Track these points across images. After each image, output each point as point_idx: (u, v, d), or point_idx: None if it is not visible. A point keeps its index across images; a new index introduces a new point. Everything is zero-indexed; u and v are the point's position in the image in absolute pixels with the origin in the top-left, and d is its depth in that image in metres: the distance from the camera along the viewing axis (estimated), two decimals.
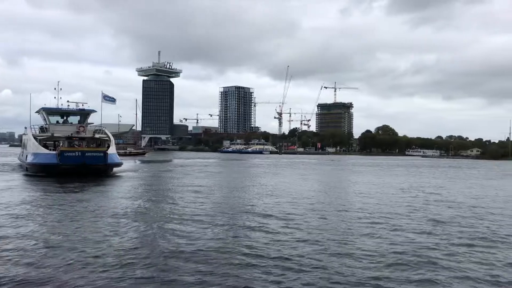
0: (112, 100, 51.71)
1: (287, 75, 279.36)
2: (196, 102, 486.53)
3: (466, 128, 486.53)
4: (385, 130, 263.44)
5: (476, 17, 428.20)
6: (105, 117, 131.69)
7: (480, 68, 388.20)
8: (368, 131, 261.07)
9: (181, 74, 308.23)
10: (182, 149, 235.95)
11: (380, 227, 15.28)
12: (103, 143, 41.00)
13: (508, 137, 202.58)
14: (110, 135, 42.34)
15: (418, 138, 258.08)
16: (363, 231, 14.57)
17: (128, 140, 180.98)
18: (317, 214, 18.17)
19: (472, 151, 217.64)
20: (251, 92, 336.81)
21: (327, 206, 20.82)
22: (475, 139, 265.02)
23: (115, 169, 39.85)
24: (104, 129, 42.99)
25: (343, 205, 21.26)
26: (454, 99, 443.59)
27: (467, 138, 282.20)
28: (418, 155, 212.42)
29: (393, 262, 10.67)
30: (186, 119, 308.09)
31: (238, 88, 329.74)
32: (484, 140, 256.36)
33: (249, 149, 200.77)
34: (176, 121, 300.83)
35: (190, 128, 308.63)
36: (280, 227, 14.99)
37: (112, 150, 39.32)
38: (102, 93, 49.85)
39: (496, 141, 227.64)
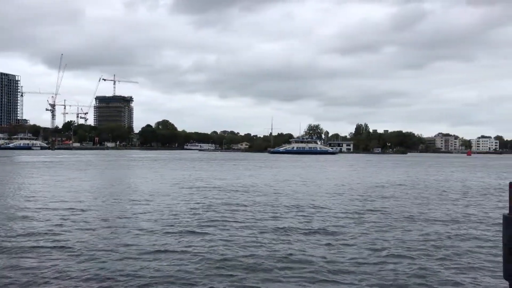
0: None
1: (61, 64, 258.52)
2: None
3: (238, 124, 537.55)
4: (165, 125, 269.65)
5: (250, 24, 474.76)
6: None
7: (252, 71, 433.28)
8: (148, 126, 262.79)
9: None
10: None
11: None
12: None
13: (270, 132, 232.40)
14: None
15: (196, 133, 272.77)
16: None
17: None
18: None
19: (242, 144, 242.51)
20: (17, 80, 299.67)
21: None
22: (245, 134, 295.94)
23: None
24: None
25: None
26: (229, 97, 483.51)
27: (238, 133, 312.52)
28: (195, 149, 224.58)
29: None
30: None
31: (1, 74, 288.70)
32: (252, 135, 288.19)
33: (11, 145, 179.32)
34: None
35: None
36: None
37: None
38: None
39: (262, 136, 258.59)
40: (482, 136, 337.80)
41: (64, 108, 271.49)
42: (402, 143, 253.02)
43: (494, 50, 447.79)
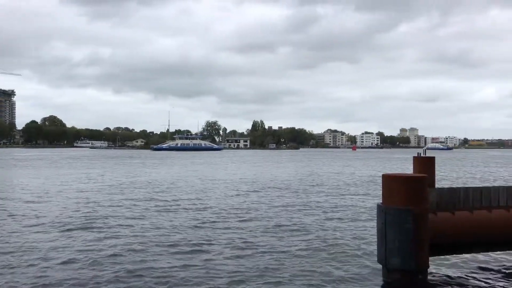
0: None
1: None
2: None
3: (134, 120, 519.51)
4: (53, 121, 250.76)
5: (148, 18, 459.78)
6: None
7: (149, 66, 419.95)
8: (33, 122, 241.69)
9: None
10: None
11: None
12: None
13: (167, 129, 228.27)
14: None
15: (87, 130, 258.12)
16: None
17: None
18: None
19: (138, 141, 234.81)
20: None
21: None
22: (140, 131, 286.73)
23: None
24: None
25: None
26: (124, 92, 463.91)
27: (133, 129, 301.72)
28: (87, 147, 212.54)
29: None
30: None
31: None
32: (148, 131, 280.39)
33: None
34: None
35: None
36: None
37: None
38: None
39: (158, 132, 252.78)
40: (366, 132, 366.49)
41: None
42: (295, 139, 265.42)
43: (377, 53, 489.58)
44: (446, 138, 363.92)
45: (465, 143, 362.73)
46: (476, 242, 9.29)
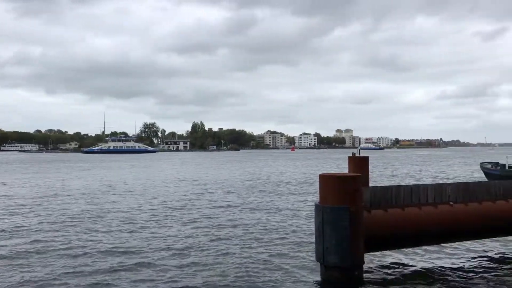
0: None
1: None
2: None
3: (68, 122, 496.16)
4: None
5: (82, 16, 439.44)
6: None
7: (84, 65, 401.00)
8: None
9: None
10: None
11: None
12: None
13: (103, 131, 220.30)
14: None
15: (15, 132, 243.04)
16: None
17: None
18: None
19: (71, 144, 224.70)
20: None
21: None
22: (74, 133, 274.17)
23: None
24: None
25: None
26: (58, 93, 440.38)
27: (66, 132, 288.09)
28: (15, 150, 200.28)
29: None
30: None
31: None
32: (82, 133, 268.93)
33: None
34: None
35: None
36: None
37: None
38: None
39: (93, 135, 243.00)
40: (304, 133, 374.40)
41: None
42: (236, 140, 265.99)
43: (314, 57, 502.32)
44: (379, 139, 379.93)
45: (396, 143, 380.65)
46: (408, 237, 9.73)
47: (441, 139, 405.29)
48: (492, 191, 10.79)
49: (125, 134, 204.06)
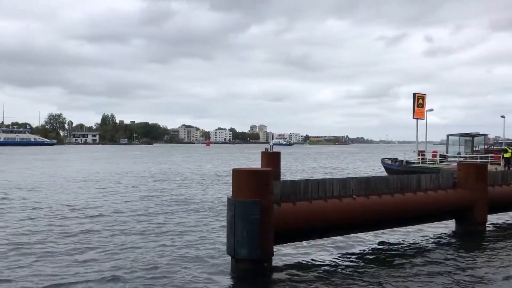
0: None
1: None
2: None
3: None
4: None
5: None
6: None
7: None
8: None
9: None
10: None
11: None
12: None
13: (2, 121, 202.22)
14: None
15: None
16: None
17: None
18: None
19: None
20: None
21: None
22: None
23: None
24: None
25: None
26: None
27: None
28: None
29: None
30: None
31: None
32: None
33: None
34: None
35: None
36: None
37: None
38: None
39: None
40: (219, 128, 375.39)
41: None
42: (149, 134, 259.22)
43: (231, 52, 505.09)
44: (291, 135, 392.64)
45: (306, 140, 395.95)
46: (315, 229, 10.18)
47: (347, 136, 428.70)
48: (391, 185, 11.65)
49: (29, 125, 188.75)
